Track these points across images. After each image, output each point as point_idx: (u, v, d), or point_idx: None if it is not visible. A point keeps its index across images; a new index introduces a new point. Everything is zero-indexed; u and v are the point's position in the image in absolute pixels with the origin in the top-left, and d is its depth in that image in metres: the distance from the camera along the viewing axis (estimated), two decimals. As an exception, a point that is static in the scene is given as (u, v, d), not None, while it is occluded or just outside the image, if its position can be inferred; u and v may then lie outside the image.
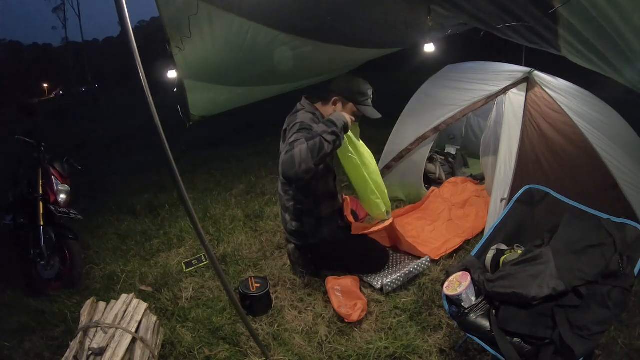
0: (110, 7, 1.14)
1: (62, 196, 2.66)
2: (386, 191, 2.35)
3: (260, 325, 2.05)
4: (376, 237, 2.45)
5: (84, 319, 1.75)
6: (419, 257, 2.42)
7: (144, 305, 1.87)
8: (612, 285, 1.40)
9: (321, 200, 2.27)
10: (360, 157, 2.20)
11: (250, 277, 2.24)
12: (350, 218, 2.39)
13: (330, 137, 1.85)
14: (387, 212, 2.35)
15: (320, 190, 2.25)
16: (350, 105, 2.23)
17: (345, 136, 2.03)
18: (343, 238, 2.33)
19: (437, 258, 2.49)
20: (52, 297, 2.41)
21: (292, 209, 2.31)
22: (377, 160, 3.50)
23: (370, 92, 2.27)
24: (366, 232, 2.31)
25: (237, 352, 1.89)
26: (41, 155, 2.72)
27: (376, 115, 2.25)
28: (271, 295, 2.21)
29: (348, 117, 2.01)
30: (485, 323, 1.47)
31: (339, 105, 2.23)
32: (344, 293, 2.16)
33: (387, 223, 2.31)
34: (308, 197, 2.26)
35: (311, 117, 2.16)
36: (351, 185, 2.34)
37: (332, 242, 2.33)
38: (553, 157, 2.48)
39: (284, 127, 2.13)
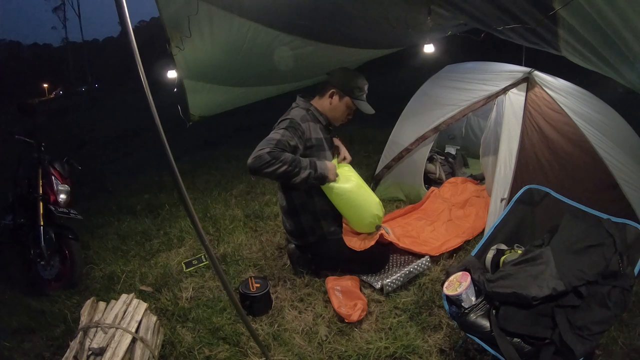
0: (110, 7, 1.14)
1: (62, 196, 2.66)
2: (377, 200, 2.31)
3: (260, 325, 2.05)
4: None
5: (84, 319, 1.75)
6: (419, 257, 2.42)
7: (144, 305, 1.87)
8: (612, 285, 1.40)
9: (314, 193, 2.26)
10: (347, 191, 2.19)
11: (250, 277, 2.24)
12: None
13: (304, 175, 2.03)
14: (378, 226, 2.32)
15: None
16: (346, 99, 2.27)
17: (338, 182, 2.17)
18: (342, 237, 2.33)
19: (436, 255, 2.48)
20: (52, 297, 2.41)
21: (288, 207, 2.33)
22: (377, 160, 3.54)
23: (366, 87, 2.30)
24: (359, 249, 2.25)
25: (237, 352, 1.89)
26: (41, 155, 2.72)
27: (370, 110, 2.29)
28: (271, 295, 2.21)
29: (332, 175, 2.14)
30: (485, 323, 1.47)
31: (336, 97, 2.27)
32: (344, 293, 2.16)
33: (376, 236, 2.28)
34: (299, 190, 2.26)
35: (304, 113, 2.22)
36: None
37: (332, 241, 2.34)
38: (553, 157, 2.48)
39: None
